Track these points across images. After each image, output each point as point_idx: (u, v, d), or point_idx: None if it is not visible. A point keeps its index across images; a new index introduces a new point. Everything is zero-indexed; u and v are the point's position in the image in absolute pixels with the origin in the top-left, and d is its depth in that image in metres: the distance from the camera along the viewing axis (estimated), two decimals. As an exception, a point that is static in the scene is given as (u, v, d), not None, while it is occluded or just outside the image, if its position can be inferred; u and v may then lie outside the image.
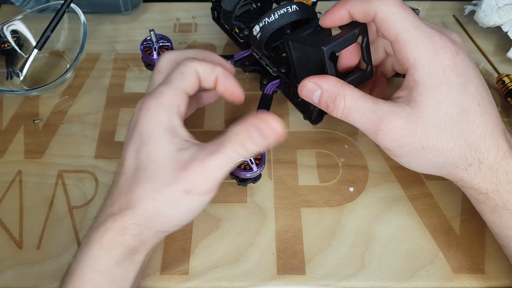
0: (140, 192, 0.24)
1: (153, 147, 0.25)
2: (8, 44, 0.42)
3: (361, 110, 0.26)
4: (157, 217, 0.25)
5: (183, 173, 0.24)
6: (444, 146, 0.25)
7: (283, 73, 0.35)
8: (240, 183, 0.34)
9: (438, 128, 0.25)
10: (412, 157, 0.27)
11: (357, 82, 0.29)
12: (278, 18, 0.32)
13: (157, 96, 0.26)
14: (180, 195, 0.24)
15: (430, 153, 0.26)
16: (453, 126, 0.25)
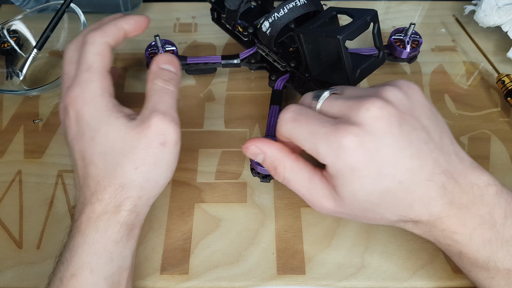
0: (121, 169, 0.26)
1: (108, 128, 0.26)
2: (8, 44, 0.42)
3: (298, 185, 0.26)
4: (146, 184, 0.26)
5: (149, 130, 0.26)
6: (372, 218, 0.25)
7: (292, 67, 0.35)
8: (263, 180, 0.34)
9: (363, 210, 0.25)
10: (359, 219, 0.26)
11: (371, 68, 0.30)
12: (288, 12, 0.32)
13: (87, 85, 0.27)
14: (158, 151, 0.26)
15: (364, 220, 0.26)
16: (376, 207, 0.24)
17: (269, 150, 0.27)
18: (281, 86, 0.37)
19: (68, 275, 0.24)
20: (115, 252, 0.26)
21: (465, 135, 0.38)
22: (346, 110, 0.24)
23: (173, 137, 0.27)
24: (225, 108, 0.40)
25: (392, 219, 0.25)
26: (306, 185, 0.26)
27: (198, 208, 0.34)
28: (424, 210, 0.24)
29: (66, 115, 0.27)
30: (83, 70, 0.27)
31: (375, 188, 0.24)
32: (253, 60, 0.39)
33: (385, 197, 0.24)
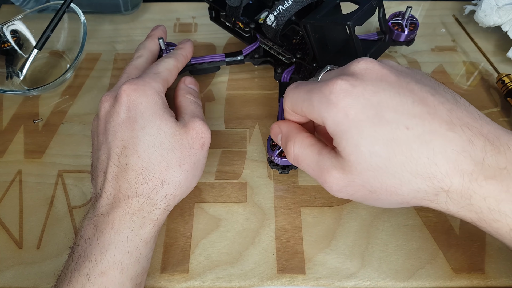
0: (166, 163, 0.27)
1: (162, 122, 0.28)
2: (8, 44, 0.42)
3: (307, 160, 0.25)
4: (184, 182, 0.28)
5: (194, 131, 0.29)
6: (390, 185, 0.22)
7: (299, 58, 0.35)
8: (282, 171, 0.34)
9: (373, 171, 0.22)
10: (372, 201, 0.24)
11: (380, 52, 0.31)
12: (292, 4, 0.33)
13: (150, 82, 0.29)
14: (198, 152, 0.29)
15: (382, 195, 0.23)
16: (387, 163, 0.21)
17: (284, 127, 0.28)
18: (288, 78, 0.37)
19: (97, 272, 0.24)
20: (144, 253, 0.26)
21: (465, 135, 0.38)
22: (340, 70, 0.25)
23: (209, 141, 0.30)
24: (225, 108, 0.40)
25: (415, 185, 0.21)
26: (315, 159, 0.25)
27: (198, 208, 0.34)
28: (452, 167, 0.20)
29: (116, 101, 0.28)
30: (151, 73, 0.31)
31: (378, 136, 0.21)
32: (256, 55, 0.39)
33: (395, 147, 0.21)
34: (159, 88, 0.30)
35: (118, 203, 0.25)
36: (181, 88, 0.34)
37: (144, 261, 0.26)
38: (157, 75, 0.31)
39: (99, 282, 0.24)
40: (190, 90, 0.34)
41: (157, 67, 0.32)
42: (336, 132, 0.23)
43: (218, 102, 0.41)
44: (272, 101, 0.41)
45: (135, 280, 0.25)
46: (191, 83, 0.35)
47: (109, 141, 0.27)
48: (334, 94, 0.22)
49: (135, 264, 0.25)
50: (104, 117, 0.29)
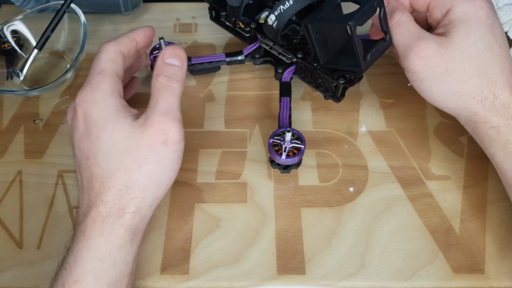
0: (125, 168, 0.26)
1: (114, 127, 0.26)
2: (8, 44, 0.42)
3: (409, 27, 0.30)
4: (150, 183, 0.26)
5: (151, 130, 0.26)
6: (466, 72, 0.29)
7: (300, 58, 0.35)
8: (283, 171, 0.34)
9: (464, 55, 0.29)
10: (435, 81, 0.29)
11: (381, 52, 0.31)
12: (293, 4, 0.33)
13: (97, 86, 0.27)
14: (160, 150, 0.26)
15: (452, 78, 0.29)
16: (478, 56, 0.29)
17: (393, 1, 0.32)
18: (289, 78, 0.37)
19: (70, 281, 0.24)
20: (119, 257, 0.25)
21: (465, 135, 0.38)
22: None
23: (175, 136, 0.27)
24: (225, 108, 0.40)
25: (481, 83, 0.29)
26: (416, 28, 0.30)
27: (198, 208, 0.34)
28: (509, 84, 0.29)
29: (74, 115, 0.28)
30: (95, 74, 0.28)
31: (485, 36, 0.29)
32: (257, 55, 0.39)
33: (488, 51, 0.29)
34: (109, 88, 0.27)
35: (89, 212, 0.26)
36: (156, 67, 0.29)
37: (122, 265, 0.26)
38: (102, 74, 0.28)
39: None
40: (166, 68, 0.28)
41: (99, 63, 0.28)
42: (459, 19, 0.29)
43: (219, 102, 0.41)
44: (272, 101, 0.41)
45: (113, 285, 0.25)
46: (171, 56, 0.29)
47: (76, 154, 0.28)
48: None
49: (110, 270, 0.25)
50: (70, 132, 0.29)
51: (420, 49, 0.29)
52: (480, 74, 0.29)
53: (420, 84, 0.31)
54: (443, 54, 0.29)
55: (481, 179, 0.35)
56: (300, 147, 0.32)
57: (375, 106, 0.40)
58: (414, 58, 0.29)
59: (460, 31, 0.29)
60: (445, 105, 0.31)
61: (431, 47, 0.29)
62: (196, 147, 0.37)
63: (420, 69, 0.29)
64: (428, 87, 0.30)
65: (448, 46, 0.29)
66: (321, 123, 0.39)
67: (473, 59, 0.29)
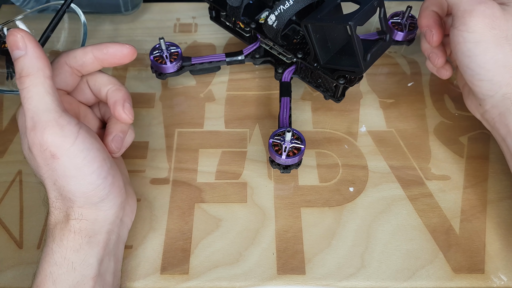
0: (45, 182, 0.26)
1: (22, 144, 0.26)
2: (8, 44, 0.41)
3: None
4: (71, 195, 0.25)
5: (34, 148, 0.24)
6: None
7: (300, 58, 0.35)
8: (283, 171, 0.34)
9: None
10: (493, 45, 0.28)
11: (381, 52, 0.31)
12: (293, 4, 0.33)
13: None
14: (56, 165, 0.24)
15: (510, 46, 0.28)
16: None
17: None
18: (289, 78, 0.37)
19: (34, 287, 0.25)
20: (77, 260, 0.25)
21: (465, 135, 0.38)
22: None
23: (57, 145, 0.24)
24: (225, 108, 0.40)
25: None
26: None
27: (198, 208, 0.34)
28: None
29: None
30: None
31: None
32: (257, 55, 0.39)
33: None
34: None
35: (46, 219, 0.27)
36: None
37: (82, 268, 0.25)
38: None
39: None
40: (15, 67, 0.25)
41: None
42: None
43: (219, 102, 0.41)
44: (272, 101, 0.41)
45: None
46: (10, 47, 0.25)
47: None
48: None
49: (69, 273, 0.25)
50: None
51: (488, 6, 0.28)
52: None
53: (474, 46, 0.29)
54: (508, 19, 0.28)
55: (481, 179, 0.35)
56: (300, 147, 0.32)
57: (375, 106, 0.40)
58: (480, 15, 0.28)
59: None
60: (491, 77, 0.29)
61: (498, 9, 0.28)
62: (196, 147, 0.37)
63: (481, 28, 0.28)
64: (482, 51, 0.29)
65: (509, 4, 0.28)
66: (321, 123, 0.39)
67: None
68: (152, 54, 0.39)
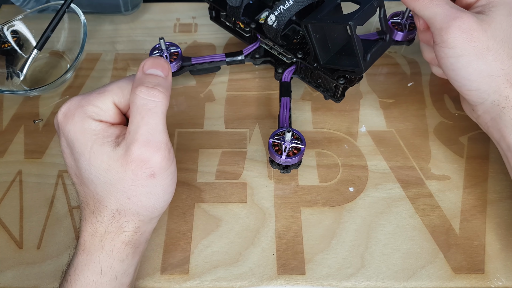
0: (113, 197, 0.24)
1: (91, 156, 0.24)
2: (8, 44, 0.42)
3: (442, 2, 0.29)
4: (143, 210, 0.25)
5: (133, 164, 0.23)
6: (505, 52, 0.28)
7: (300, 58, 0.35)
8: (283, 171, 0.34)
9: (505, 34, 0.28)
10: (474, 58, 0.28)
11: (380, 52, 0.31)
12: (293, 4, 0.33)
13: (85, 104, 0.24)
14: (148, 183, 0.24)
15: (492, 56, 0.28)
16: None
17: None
18: (289, 78, 0.37)
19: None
20: (120, 270, 0.25)
21: (465, 135, 0.38)
22: None
23: (162, 166, 0.24)
24: (225, 108, 0.40)
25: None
26: (453, 5, 0.29)
27: (198, 208, 0.34)
28: None
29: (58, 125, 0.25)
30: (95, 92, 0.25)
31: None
32: (257, 55, 0.39)
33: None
34: (95, 112, 0.24)
35: (85, 227, 0.25)
36: (135, 79, 0.25)
37: (123, 277, 0.26)
38: (100, 94, 0.25)
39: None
40: (147, 79, 0.24)
41: (107, 85, 0.25)
42: (498, 0, 0.28)
43: (219, 102, 0.41)
44: (272, 101, 0.41)
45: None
46: (153, 66, 0.25)
47: (67, 163, 0.27)
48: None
49: (111, 282, 0.25)
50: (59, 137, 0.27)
51: (463, 21, 0.28)
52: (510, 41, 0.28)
53: (456, 61, 0.29)
54: (486, 30, 0.28)
55: (481, 179, 0.35)
56: (300, 147, 0.32)
57: (375, 106, 0.40)
58: (456, 30, 0.28)
59: (501, 11, 0.28)
60: (477, 87, 0.29)
61: (474, 21, 0.28)
62: (196, 147, 0.37)
63: (461, 43, 0.28)
64: (465, 65, 0.29)
65: (490, 23, 0.28)
66: (321, 123, 0.39)
67: (510, 41, 0.28)
68: (152, 54, 0.39)
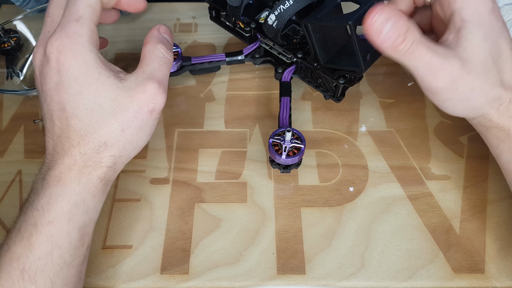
0: (107, 127, 0.26)
1: (98, 86, 0.26)
2: (8, 44, 0.42)
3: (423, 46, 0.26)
4: (129, 145, 0.27)
5: (143, 95, 0.26)
6: (488, 84, 0.27)
7: (300, 58, 0.35)
8: (283, 171, 0.34)
9: (485, 67, 0.26)
10: (459, 101, 0.27)
11: (380, 52, 0.30)
12: (293, 3, 0.33)
13: (76, 38, 0.26)
14: (145, 117, 0.27)
15: (476, 94, 0.27)
16: (493, 65, 0.27)
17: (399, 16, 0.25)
18: (289, 78, 0.37)
19: (44, 221, 0.25)
20: (91, 205, 0.27)
21: (465, 135, 0.38)
22: None
23: (161, 106, 0.27)
24: (225, 108, 0.40)
25: (499, 91, 0.27)
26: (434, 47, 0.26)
27: (198, 208, 0.34)
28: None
29: (46, 62, 0.26)
30: (73, 20, 0.26)
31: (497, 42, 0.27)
32: (257, 55, 0.39)
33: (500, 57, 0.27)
34: (88, 41, 0.26)
35: (62, 160, 0.26)
36: (152, 35, 0.29)
37: (92, 212, 0.27)
38: (80, 22, 0.26)
39: (46, 231, 0.25)
40: (163, 39, 0.29)
41: (76, 8, 0.26)
42: (473, 19, 0.26)
43: (219, 102, 0.41)
44: (272, 101, 0.41)
45: (83, 230, 0.26)
46: (166, 32, 0.30)
47: (47, 103, 0.27)
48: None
49: (82, 215, 0.26)
50: (38, 76, 0.27)
51: (446, 73, 0.26)
52: (498, 82, 0.27)
53: (442, 103, 0.28)
54: (469, 71, 0.26)
55: (481, 179, 0.35)
56: (300, 147, 0.32)
57: (375, 106, 0.40)
58: (440, 83, 0.26)
59: (477, 38, 0.26)
60: (462, 115, 0.29)
61: (457, 68, 0.26)
62: (196, 147, 0.37)
63: (445, 92, 0.27)
64: (450, 106, 0.28)
65: (471, 60, 0.26)
66: (321, 123, 0.39)
67: (491, 69, 0.27)
68: None
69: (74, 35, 0.26)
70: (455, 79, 0.26)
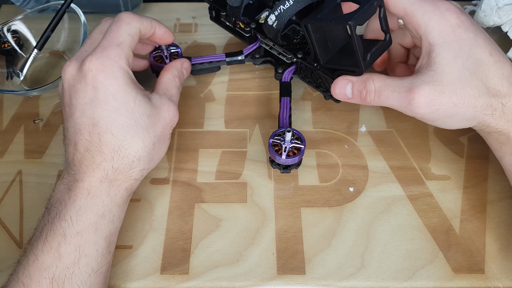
0: (142, 142, 0.28)
1: (136, 104, 0.28)
2: (8, 44, 0.42)
3: (391, 87, 0.29)
4: (156, 157, 0.30)
5: (168, 114, 0.30)
6: (470, 95, 0.28)
7: (300, 58, 0.35)
8: (283, 171, 0.34)
9: (461, 81, 0.28)
10: (447, 117, 0.29)
11: (381, 51, 0.31)
12: (293, 4, 0.33)
13: (116, 60, 0.28)
14: (167, 133, 0.31)
15: (461, 108, 0.28)
16: (473, 76, 0.28)
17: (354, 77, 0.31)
18: (289, 78, 0.37)
19: (73, 232, 0.26)
20: (116, 214, 0.28)
21: (465, 135, 0.38)
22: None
23: (175, 122, 0.32)
24: (225, 108, 0.40)
25: (487, 99, 0.28)
26: (398, 83, 0.29)
27: (198, 208, 0.34)
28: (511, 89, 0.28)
29: (82, 78, 0.28)
30: (114, 44, 0.29)
31: (471, 53, 0.28)
32: (257, 55, 0.39)
33: (479, 66, 0.28)
34: (127, 64, 0.29)
35: (92, 173, 0.27)
36: (175, 67, 0.34)
37: (117, 221, 0.29)
38: (121, 47, 0.29)
39: (74, 241, 0.26)
40: (181, 74, 0.35)
41: (118, 34, 0.29)
42: (438, 42, 0.28)
43: (219, 102, 0.41)
44: (272, 101, 0.41)
45: (109, 239, 0.28)
46: (186, 69, 0.36)
47: (76, 117, 0.28)
48: (448, 11, 0.28)
49: (108, 225, 0.28)
50: (68, 89, 0.29)
51: (419, 100, 0.28)
52: (483, 91, 0.28)
53: (434, 123, 0.30)
54: (443, 91, 0.28)
55: (481, 179, 0.35)
56: (300, 147, 0.32)
57: (375, 106, 0.40)
58: (418, 109, 0.28)
59: (446, 58, 0.28)
60: (459, 127, 0.30)
61: (428, 92, 0.28)
62: (196, 147, 0.37)
63: (429, 114, 0.29)
64: (442, 123, 0.30)
65: (443, 80, 0.28)
66: (321, 123, 0.39)
67: (471, 81, 0.28)
68: (152, 54, 0.39)
69: (115, 57, 0.28)
70: (430, 102, 0.28)
